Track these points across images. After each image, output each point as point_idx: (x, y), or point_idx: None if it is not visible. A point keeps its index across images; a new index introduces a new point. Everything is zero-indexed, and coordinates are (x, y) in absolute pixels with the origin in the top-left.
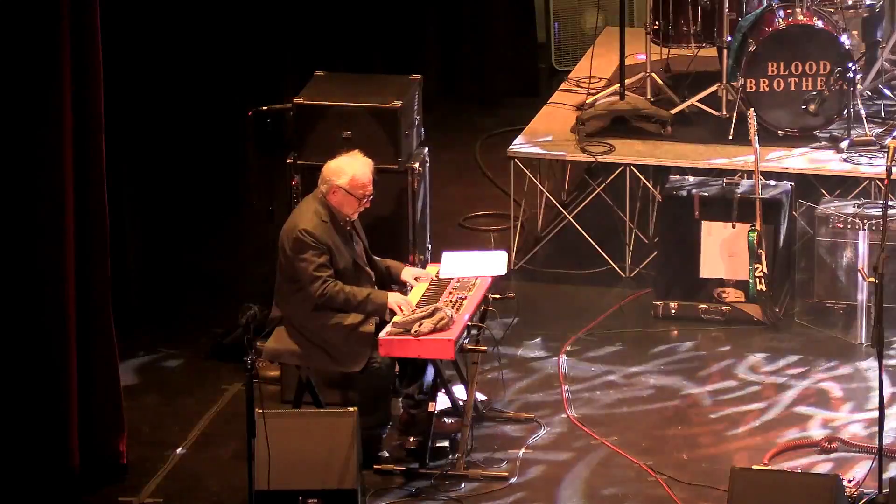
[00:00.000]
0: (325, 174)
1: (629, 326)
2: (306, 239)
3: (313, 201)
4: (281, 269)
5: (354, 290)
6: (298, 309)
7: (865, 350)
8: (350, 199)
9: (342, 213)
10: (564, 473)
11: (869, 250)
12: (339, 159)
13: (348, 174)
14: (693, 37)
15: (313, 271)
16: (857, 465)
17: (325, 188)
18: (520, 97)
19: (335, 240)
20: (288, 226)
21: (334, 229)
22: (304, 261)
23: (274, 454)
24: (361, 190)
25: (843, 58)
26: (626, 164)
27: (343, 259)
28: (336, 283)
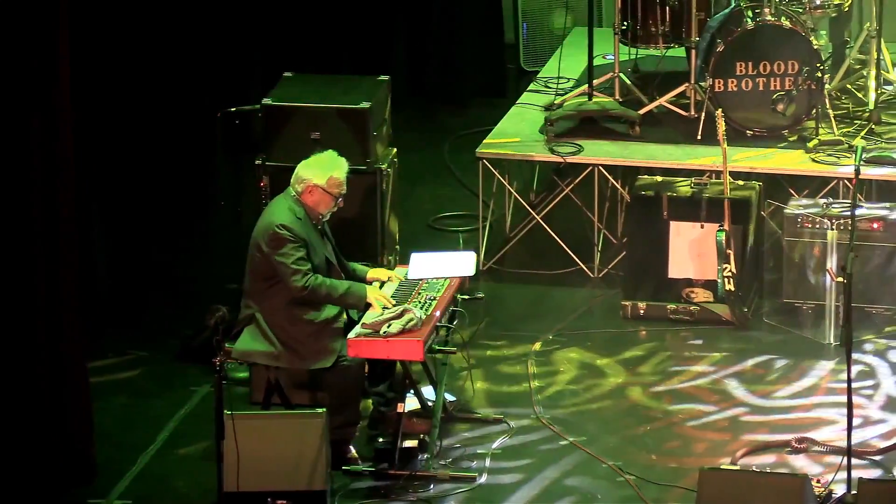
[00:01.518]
0: (302, 174)
1: (598, 327)
2: (284, 234)
3: (286, 200)
4: (254, 267)
5: (335, 282)
6: (269, 308)
7: (834, 350)
8: (327, 198)
9: (316, 213)
10: (533, 474)
11: (837, 250)
12: (316, 159)
13: (325, 174)
14: (661, 37)
15: (293, 264)
16: (827, 465)
17: (300, 187)
18: (488, 98)
19: (311, 236)
20: (262, 224)
21: (309, 226)
22: (284, 255)
23: (243, 455)
24: (338, 189)
25: (812, 58)
26: (594, 164)
27: (317, 256)
28: (317, 276)
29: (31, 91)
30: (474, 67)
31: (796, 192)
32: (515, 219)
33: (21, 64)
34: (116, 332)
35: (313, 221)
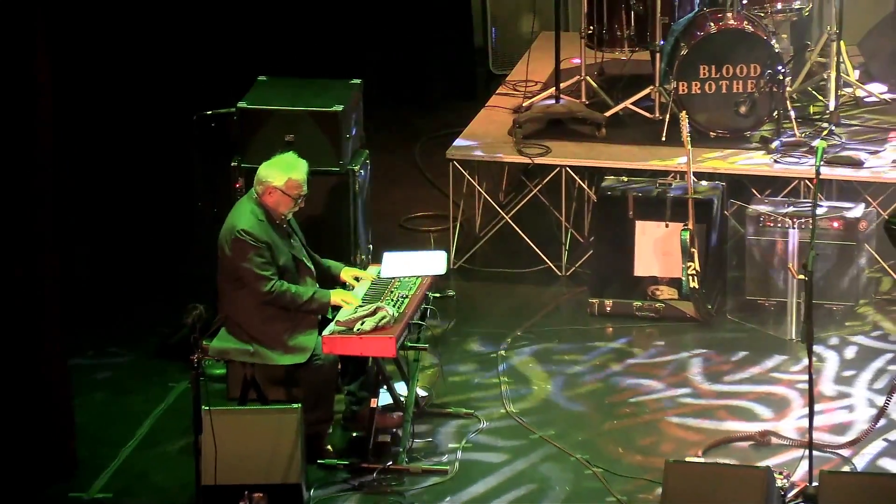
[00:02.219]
0: (261, 176)
1: (565, 324)
2: (246, 238)
3: (248, 202)
4: (222, 269)
5: (300, 289)
6: (240, 307)
7: (796, 345)
8: (286, 199)
9: (277, 213)
10: (503, 467)
11: (798, 248)
12: (274, 161)
13: (285, 175)
14: (626, 41)
15: (257, 269)
16: (789, 457)
17: (260, 189)
18: (458, 100)
19: (273, 238)
20: (226, 227)
21: (271, 227)
22: (247, 261)
23: (220, 450)
24: (297, 190)
25: (773, 61)
26: (561, 165)
27: (283, 255)
28: (282, 282)
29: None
30: (444, 71)
31: (758, 191)
32: (485, 219)
33: None
34: (96, 330)
35: (276, 221)
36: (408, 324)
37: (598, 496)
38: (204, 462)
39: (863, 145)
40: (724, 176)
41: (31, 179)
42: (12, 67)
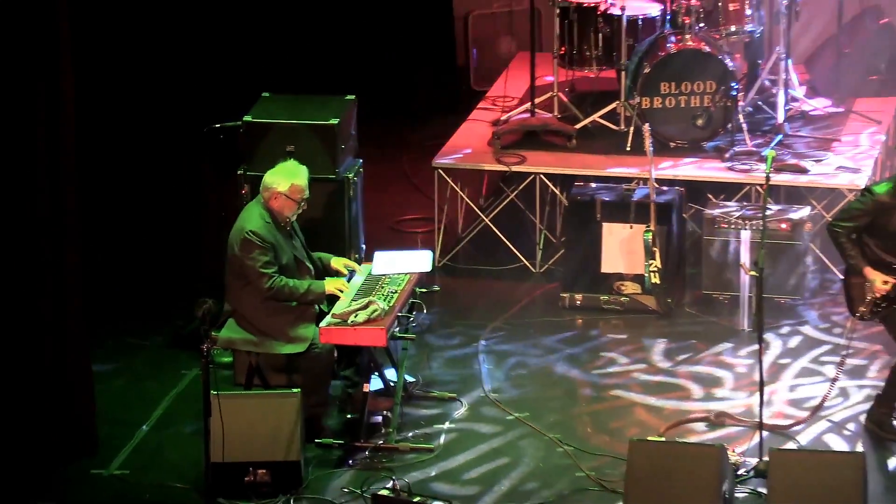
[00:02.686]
0: (267, 182)
1: (539, 316)
2: (253, 239)
3: (256, 206)
4: (230, 266)
5: (297, 282)
6: (246, 301)
7: (748, 335)
8: (290, 203)
9: (282, 216)
10: (483, 446)
11: (750, 247)
12: (278, 169)
13: (288, 182)
14: (595, 60)
15: (260, 268)
16: (741, 436)
17: (266, 194)
18: (443, 114)
19: (278, 238)
20: (236, 228)
21: (277, 230)
22: (253, 259)
23: (227, 431)
24: (299, 195)
25: (727, 78)
26: (536, 172)
27: (286, 255)
28: (281, 278)
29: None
30: (430, 88)
31: (714, 196)
32: (467, 221)
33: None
34: (115, 322)
35: (281, 224)
36: (397, 316)
37: (569, 471)
38: (213, 441)
39: (808, 154)
40: (683, 182)
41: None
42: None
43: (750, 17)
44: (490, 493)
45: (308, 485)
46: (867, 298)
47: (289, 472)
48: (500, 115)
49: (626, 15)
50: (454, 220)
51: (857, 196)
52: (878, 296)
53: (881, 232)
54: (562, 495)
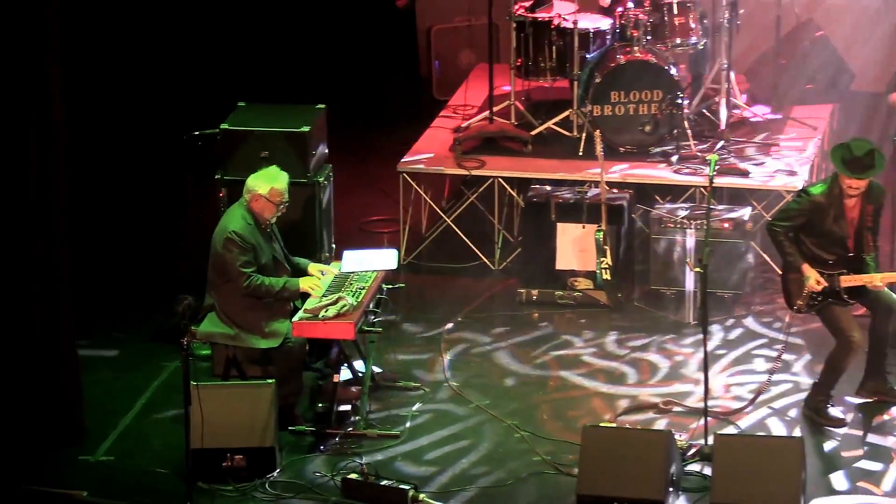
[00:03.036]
0: (249, 185)
1: (498, 310)
2: (235, 239)
3: (239, 208)
4: (212, 264)
5: (273, 280)
6: (227, 297)
7: (693, 327)
8: (269, 206)
9: (263, 217)
10: (446, 432)
11: (695, 246)
12: (260, 173)
13: (268, 185)
14: (549, 71)
15: (240, 266)
16: (687, 422)
17: (248, 196)
18: (407, 122)
19: (258, 239)
20: (219, 228)
21: (258, 231)
22: (233, 258)
23: (206, 419)
24: (279, 198)
25: (673, 87)
26: (494, 176)
27: (265, 255)
28: (258, 276)
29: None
30: (395, 97)
31: (661, 198)
32: (430, 222)
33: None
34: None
35: (262, 226)
36: (365, 311)
37: (526, 456)
38: (193, 429)
39: (749, 158)
40: (632, 184)
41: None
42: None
43: (694, 31)
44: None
45: (282, 469)
46: (804, 293)
47: (264, 458)
48: (460, 122)
49: (577, 28)
50: (418, 221)
51: (794, 197)
52: (814, 291)
53: (816, 230)
54: (520, 478)
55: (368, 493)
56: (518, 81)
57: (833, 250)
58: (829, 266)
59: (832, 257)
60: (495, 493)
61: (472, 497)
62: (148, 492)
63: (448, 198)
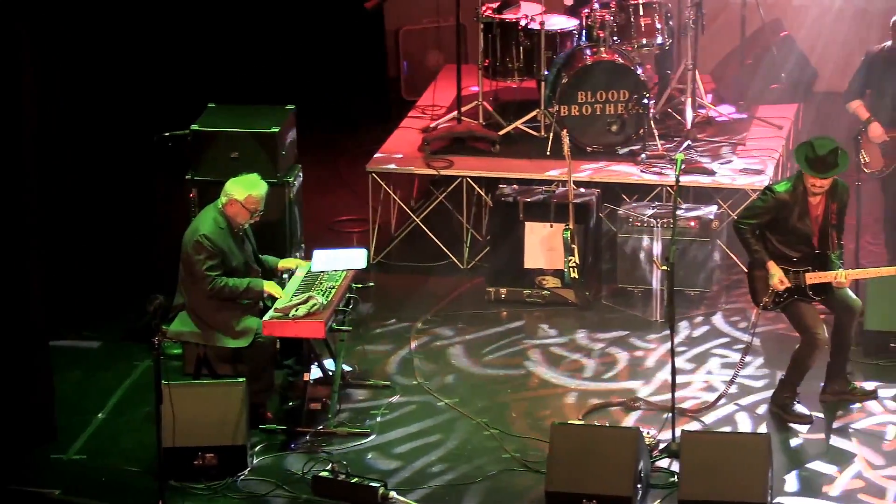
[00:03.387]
0: (227, 189)
1: (467, 308)
2: (204, 243)
3: (213, 210)
4: (182, 263)
5: (237, 282)
6: (196, 297)
7: (660, 325)
8: (244, 212)
9: (235, 222)
10: (415, 429)
11: (661, 244)
12: (241, 178)
13: (246, 192)
14: (516, 72)
15: (206, 270)
16: (655, 419)
17: (224, 199)
18: (376, 123)
19: (229, 244)
20: (191, 229)
21: (229, 234)
22: (200, 261)
23: (178, 417)
24: (254, 205)
25: (639, 87)
26: (463, 176)
27: (236, 259)
28: (222, 279)
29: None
30: (364, 98)
31: (627, 197)
32: (399, 221)
33: None
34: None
35: (234, 230)
36: (335, 310)
37: (495, 453)
38: (164, 428)
39: (715, 157)
40: (599, 184)
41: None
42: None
43: (660, 31)
44: (419, 473)
45: (253, 468)
46: (769, 290)
47: (235, 456)
48: (429, 122)
49: (545, 29)
50: (387, 220)
51: (760, 195)
52: None
53: (782, 228)
54: (489, 476)
55: (339, 490)
56: (486, 82)
57: (798, 248)
58: (794, 263)
59: (797, 254)
60: (464, 490)
61: (441, 494)
62: (120, 490)
63: (417, 197)
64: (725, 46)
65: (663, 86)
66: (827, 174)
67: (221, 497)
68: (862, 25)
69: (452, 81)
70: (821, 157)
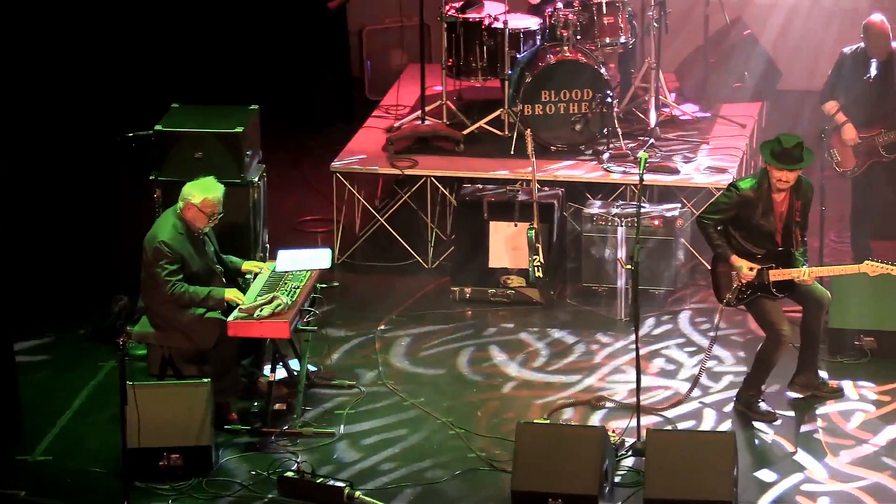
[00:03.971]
0: (184, 192)
1: (432, 308)
2: (164, 249)
3: (172, 215)
4: (144, 267)
5: (197, 289)
6: (157, 299)
7: (624, 324)
8: (201, 216)
9: (194, 227)
10: (380, 429)
11: (625, 243)
12: (197, 182)
13: (201, 196)
14: (480, 71)
15: (165, 276)
16: (620, 418)
17: (181, 204)
18: (339, 122)
19: (189, 249)
20: (150, 235)
21: (188, 240)
22: (160, 267)
23: (143, 418)
24: (210, 209)
25: (603, 86)
26: (427, 175)
27: (196, 264)
28: (183, 285)
29: None
30: (328, 98)
31: (591, 195)
32: (363, 221)
33: None
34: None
35: (194, 234)
36: (299, 310)
37: (461, 452)
38: (129, 428)
39: (678, 156)
40: (563, 183)
41: None
42: None
43: (623, 30)
44: (386, 475)
45: (218, 468)
46: (733, 286)
47: (200, 457)
48: (393, 122)
49: (508, 29)
50: (352, 220)
51: (724, 191)
52: (743, 283)
53: (745, 224)
54: (455, 475)
55: (304, 490)
56: (449, 81)
57: (762, 244)
58: (757, 260)
59: (761, 251)
60: (430, 490)
61: (407, 494)
62: (85, 491)
63: (381, 197)
64: (689, 45)
65: (626, 85)
66: (793, 167)
67: (187, 498)
68: (827, 24)
69: (416, 81)
70: (787, 150)
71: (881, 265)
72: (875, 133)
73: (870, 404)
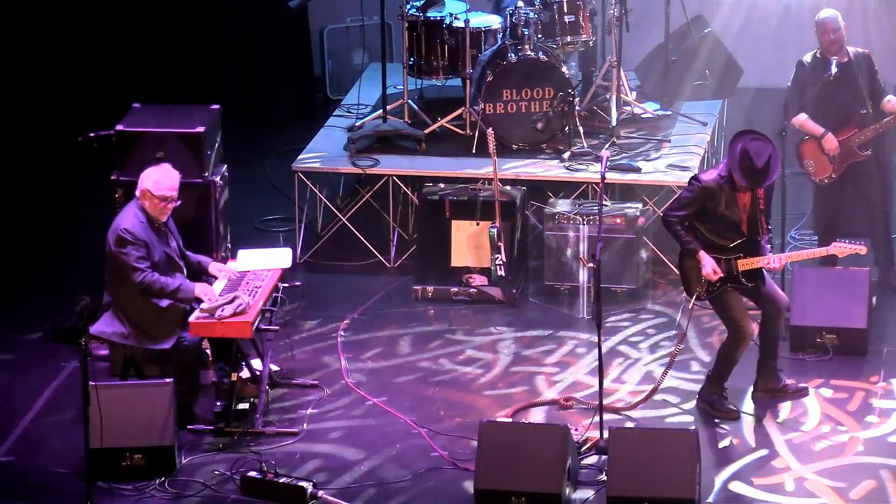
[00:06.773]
0: (140, 181)
1: (394, 307)
2: (127, 236)
3: (133, 206)
4: (107, 262)
5: (168, 280)
6: (122, 296)
7: (587, 322)
8: (154, 202)
9: (154, 216)
10: (343, 428)
11: (588, 241)
12: (151, 170)
13: (152, 178)
14: (441, 70)
15: (133, 262)
16: (583, 417)
17: (138, 193)
18: (301, 121)
19: (151, 238)
20: (113, 226)
21: (150, 228)
22: (126, 255)
23: (105, 419)
24: (162, 191)
25: (564, 84)
26: (389, 175)
27: (157, 253)
28: (153, 273)
29: None
30: (289, 97)
31: (553, 194)
32: (325, 220)
33: None
34: None
35: (155, 224)
36: (261, 310)
37: (423, 452)
38: (92, 429)
39: (640, 154)
40: (525, 181)
41: None
42: None
43: (584, 29)
44: (349, 474)
45: (181, 468)
46: (702, 280)
47: (163, 457)
48: (354, 121)
49: (469, 27)
50: (314, 219)
51: (686, 186)
52: None
53: (710, 216)
54: (418, 474)
55: (267, 490)
56: (411, 80)
57: (728, 235)
58: (725, 251)
59: (728, 242)
60: (393, 489)
61: (370, 493)
62: (48, 492)
63: (343, 196)
64: (650, 43)
65: (588, 83)
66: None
67: (149, 498)
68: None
69: (377, 80)
70: (759, 171)
71: (849, 246)
72: (850, 134)
73: (831, 401)
